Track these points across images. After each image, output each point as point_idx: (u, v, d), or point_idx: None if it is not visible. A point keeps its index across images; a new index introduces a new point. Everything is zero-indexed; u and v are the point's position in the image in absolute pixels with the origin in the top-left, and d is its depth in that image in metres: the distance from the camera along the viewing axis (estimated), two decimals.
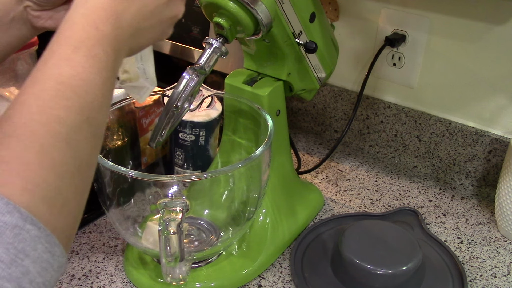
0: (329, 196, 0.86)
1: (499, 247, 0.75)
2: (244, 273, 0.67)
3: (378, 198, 0.86)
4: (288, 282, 0.68)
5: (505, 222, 0.76)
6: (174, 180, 0.58)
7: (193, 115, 0.74)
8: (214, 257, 0.68)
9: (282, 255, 0.72)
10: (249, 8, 0.56)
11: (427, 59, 0.88)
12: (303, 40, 0.65)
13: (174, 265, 0.54)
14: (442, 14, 0.83)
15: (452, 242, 0.76)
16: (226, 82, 0.70)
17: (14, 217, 0.30)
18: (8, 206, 0.30)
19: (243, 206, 0.66)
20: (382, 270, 0.63)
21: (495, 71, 0.81)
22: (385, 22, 0.89)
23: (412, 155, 0.94)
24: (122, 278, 0.68)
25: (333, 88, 1.00)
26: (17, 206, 0.31)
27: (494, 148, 0.84)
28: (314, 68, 0.71)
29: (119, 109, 0.69)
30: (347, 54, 0.96)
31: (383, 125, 0.96)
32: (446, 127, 0.88)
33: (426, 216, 0.82)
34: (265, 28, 0.59)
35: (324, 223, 0.77)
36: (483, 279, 0.69)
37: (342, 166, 0.95)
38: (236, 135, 0.72)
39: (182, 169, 0.78)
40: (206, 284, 0.65)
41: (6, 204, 0.30)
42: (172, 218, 0.52)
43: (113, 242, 0.74)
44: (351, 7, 0.93)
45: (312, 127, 1.07)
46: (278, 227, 0.72)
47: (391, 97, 0.94)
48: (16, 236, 0.30)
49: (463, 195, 0.87)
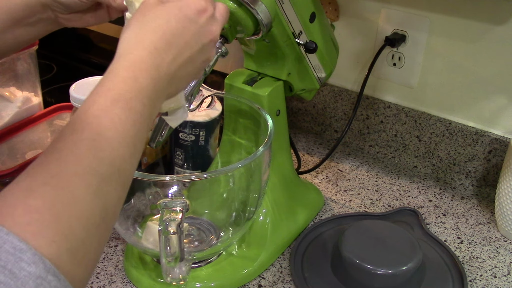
0: (329, 196, 0.86)
1: (499, 247, 0.75)
2: (244, 273, 0.67)
3: (378, 198, 0.86)
4: (288, 282, 0.68)
5: (505, 222, 0.76)
6: (174, 180, 0.58)
7: (193, 115, 0.74)
8: (214, 257, 0.68)
9: (282, 255, 0.72)
10: (249, 8, 0.56)
11: (427, 59, 0.88)
12: (303, 40, 0.65)
13: (174, 265, 0.54)
14: (442, 14, 0.83)
15: (452, 242, 0.76)
16: (226, 82, 0.70)
17: (38, 268, 0.31)
18: (35, 257, 0.32)
19: (243, 206, 0.66)
20: (382, 270, 0.63)
21: (495, 71, 0.81)
22: (385, 22, 0.89)
23: (412, 155, 0.94)
24: (122, 278, 0.68)
25: (333, 88, 1.00)
26: (43, 258, 0.32)
27: (494, 148, 0.84)
28: (314, 68, 0.71)
29: None
30: (347, 54, 0.96)
31: (383, 125, 0.96)
32: (446, 127, 0.88)
33: (426, 216, 0.82)
34: (265, 28, 0.59)
35: (324, 223, 0.77)
36: (483, 279, 0.69)
37: (342, 166, 0.95)
38: (236, 135, 0.72)
39: (182, 169, 0.78)
40: (206, 284, 0.65)
41: (33, 255, 0.32)
42: (172, 218, 0.52)
43: (113, 242, 0.74)
44: (351, 7, 0.93)
45: (312, 127, 1.07)
46: (278, 227, 0.72)
47: (391, 97, 0.95)
48: (37, 286, 0.31)
49: (463, 195, 0.87)
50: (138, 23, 0.46)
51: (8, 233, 0.31)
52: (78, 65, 1.31)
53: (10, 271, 0.30)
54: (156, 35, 0.45)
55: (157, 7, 0.47)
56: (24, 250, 0.31)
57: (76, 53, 1.34)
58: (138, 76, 0.43)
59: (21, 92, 0.92)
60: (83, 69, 1.28)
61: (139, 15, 0.47)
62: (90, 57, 1.32)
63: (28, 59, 0.93)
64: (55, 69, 1.28)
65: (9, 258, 0.31)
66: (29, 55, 0.92)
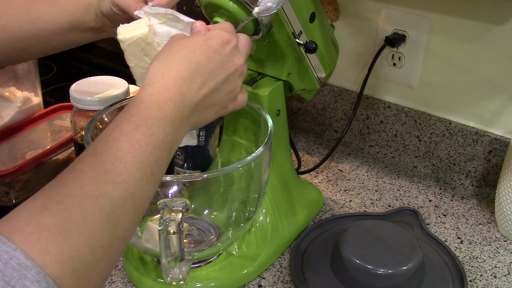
0: (329, 196, 0.86)
1: (499, 247, 0.75)
2: (244, 273, 0.67)
3: (378, 198, 0.86)
4: (288, 282, 0.68)
5: (505, 222, 0.76)
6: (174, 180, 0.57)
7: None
8: (214, 257, 0.68)
9: (282, 255, 0.72)
10: (249, 8, 0.56)
11: (427, 59, 0.88)
12: (303, 40, 0.65)
13: (174, 265, 0.54)
14: (442, 14, 0.83)
15: (452, 242, 0.76)
16: None
17: (41, 287, 0.31)
18: (39, 276, 0.32)
19: (243, 206, 0.66)
20: (382, 270, 0.63)
21: (495, 71, 0.81)
22: (385, 22, 0.89)
23: (412, 155, 0.94)
24: (122, 278, 0.68)
25: (333, 88, 1.00)
26: (46, 277, 0.32)
27: (494, 148, 0.84)
28: (314, 68, 0.71)
29: (119, 109, 0.69)
30: (347, 54, 0.96)
31: (383, 125, 0.96)
32: (446, 127, 0.88)
33: (426, 216, 0.82)
34: (265, 28, 0.59)
35: (324, 223, 0.77)
36: (483, 279, 0.69)
37: (342, 166, 0.95)
38: (236, 135, 0.72)
39: (182, 169, 0.78)
40: (206, 284, 0.65)
41: (38, 273, 0.32)
42: (172, 218, 0.52)
43: None
44: (351, 7, 0.93)
45: (312, 127, 1.07)
46: (278, 227, 0.72)
47: (391, 97, 0.95)
48: None
49: (463, 195, 0.87)
50: (165, 54, 0.48)
51: (16, 249, 0.31)
52: (78, 65, 1.31)
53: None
54: (182, 65, 0.47)
55: (183, 39, 0.49)
56: (29, 267, 0.31)
57: (76, 53, 1.34)
58: (162, 104, 0.44)
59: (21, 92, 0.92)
60: (83, 69, 1.28)
61: (167, 47, 0.49)
62: (90, 57, 1.32)
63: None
64: (55, 69, 1.28)
65: (14, 275, 0.31)
66: None
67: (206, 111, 0.50)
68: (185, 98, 0.46)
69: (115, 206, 0.37)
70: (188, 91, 0.46)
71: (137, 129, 0.41)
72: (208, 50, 0.48)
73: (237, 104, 0.54)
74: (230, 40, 0.50)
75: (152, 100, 0.44)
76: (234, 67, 0.50)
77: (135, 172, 0.39)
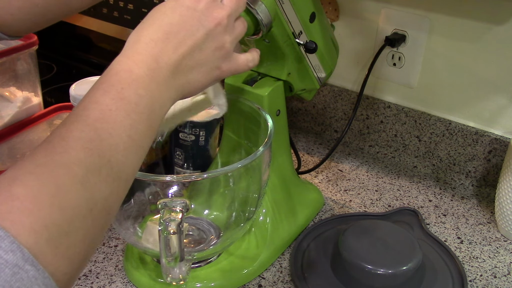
0: (329, 196, 0.86)
1: (499, 247, 0.75)
2: (244, 273, 0.67)
3: (378, 198, 0.86)
4: (288, 282, 0.68)
5: (505, 222, 0.76)
6: (174, 180, 0.57)
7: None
8: (214, 257, 0.68)
9: (282, 255, 0.72)
10: (249, 8, 0.56)
11: (427, 59, 0.88)
12: (303, 40, 0.65)
13: (174, 265, 0.54)
14: (442, 14, 0.83)
15: (452, 242, 0.76)
16: (226, 82, 0.70)
17: (16, 256, 0.31)
18: (13, 245, 0.31)
19: (243, 206, 0.66)
20: (382, 270, 0.63)
21: (495, 71, 0.81)
22: (385, 22, 0.89)
23: (412, 155, 0.94)
24: (122, 278, 0.68)
25: (333, 88, 1.00)
26: (21, 246, 0.31)
27: (494, 148, 0.84)
28: (314, 68, 0.71)
29: None
30: (347, 54, 0.96)
31: (383, 125, 0.96)
32: (446, 127, 0.88)
33: (426, 216, 0.82)
34: (265, 28, 0.59)
35: (324, 223, 0.77)
36: (483, 279, 0.69)
37: (342, 166, 0.95)
38: (236, 135, 0.72)
39: (182, 169, 0.78)
40: (206, 284, 0.65)
41: (11, 243, 0.31)
42: (172, 218, 0.52)
43: (113, 242, 0.74)
44: (351, 7, 0.93)
45: (312, 127, 1.07)
46: (278, 227, 0.72)
47: (391, 97, 0.95)
48: (14, 275, 0.31)
49: (463, 195, 0.87)
50: (139, 24, 0.47)
51: None
52: (78, 65, 1.31)
53: None
54: (152, 27, 0.45)
55: (158, 6, 0.48)
56: (2, 237, 0.31)
57: (76, 53, 1.34)
58: (132, 68, 0.42)
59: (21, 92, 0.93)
60: (83, 69, 1.28)
61: (144, 19, 0.48)
62: (90, 57, 1.32)
63: (28, 59, 0.93)
64: (55, 69, 1.28)
65: None
66: (29, 55, 0.92)
67: (193, 72, 0.47)
68: (159, 60, 0.44)
69: (89, 173, 0.36)
70: (162, 52, 0.44)
71: (106, 94, 0.40)
72: (179, 8, 0.46)
73: (237, 64, 0.51)
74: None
75: (122, 65, 0.42)
76: (214, 22, 0.47)
77: (108, 137, 0.38)
